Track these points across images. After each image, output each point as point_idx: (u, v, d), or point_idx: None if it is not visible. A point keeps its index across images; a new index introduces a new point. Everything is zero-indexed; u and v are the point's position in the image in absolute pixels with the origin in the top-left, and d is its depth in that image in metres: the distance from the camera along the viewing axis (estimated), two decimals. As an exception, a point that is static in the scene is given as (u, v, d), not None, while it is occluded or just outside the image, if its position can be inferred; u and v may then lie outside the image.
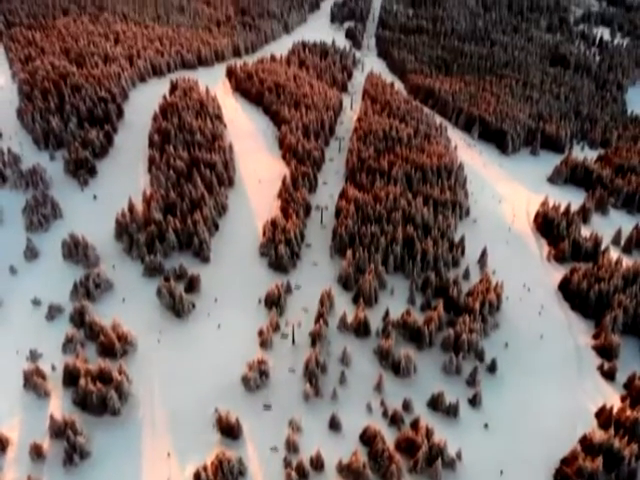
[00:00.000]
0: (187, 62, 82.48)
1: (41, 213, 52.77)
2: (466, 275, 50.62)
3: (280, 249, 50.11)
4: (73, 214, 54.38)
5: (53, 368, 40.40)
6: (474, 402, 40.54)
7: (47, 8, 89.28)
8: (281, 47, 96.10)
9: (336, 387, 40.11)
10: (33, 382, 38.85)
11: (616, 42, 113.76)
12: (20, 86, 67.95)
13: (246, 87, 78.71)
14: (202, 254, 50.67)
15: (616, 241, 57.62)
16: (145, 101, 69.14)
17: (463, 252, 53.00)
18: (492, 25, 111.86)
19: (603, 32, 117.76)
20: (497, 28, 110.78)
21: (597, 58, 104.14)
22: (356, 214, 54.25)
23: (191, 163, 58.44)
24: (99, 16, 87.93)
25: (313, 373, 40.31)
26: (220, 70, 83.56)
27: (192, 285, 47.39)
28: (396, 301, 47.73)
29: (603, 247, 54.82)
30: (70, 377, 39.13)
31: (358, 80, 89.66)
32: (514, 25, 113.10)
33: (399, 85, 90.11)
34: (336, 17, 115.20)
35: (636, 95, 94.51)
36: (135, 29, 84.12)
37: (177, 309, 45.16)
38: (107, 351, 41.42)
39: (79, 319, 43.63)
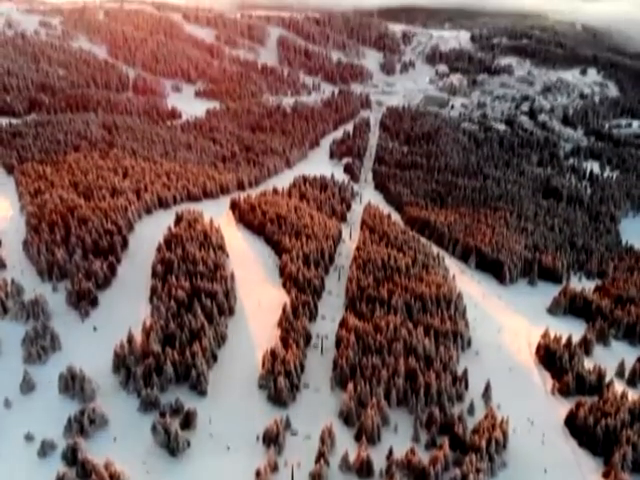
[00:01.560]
0: (193, 195, 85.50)
1: (40, 345, 52.24)
2: (471, 410, 49.21)
3: (279, 381, 49.08)
4: (72, 346, 53.77)
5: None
6: None
7: (59, 144, 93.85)
8: (283, 181, 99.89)
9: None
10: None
11: (606, 175, 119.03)
12: (28, 218, 69.81)
13: (249, 218, 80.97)
14: (199, 387, 49.46)
15: (620, 373, 56.70)
16: (150, 232, 70.77)
17: (467, 386, 51.88)
18: (484, 160, 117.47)
19: (593, 166, 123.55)
20: (489, 163, 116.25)
21: (589, 190, 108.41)
22: (357, 344, 53.83)
23: (192, 293, 58.74)
24: (109, 152, 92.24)
25: (314, 519, 38.02)
26: (224, 202, 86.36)
27: (188, 421, 45.82)
28: (400, 438, 45.89)
29: (607, 380, 53.81)
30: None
31: (356, 212, 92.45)
32: (506, 160, 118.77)
33: (396, 217, 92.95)
34: (335, 153, 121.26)
35: (629, 226, 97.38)
36: (144, 164, 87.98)
37: (172, 447, 43.30)
38: (97, 493, 39.25)
39: (72, 457, 41.69)
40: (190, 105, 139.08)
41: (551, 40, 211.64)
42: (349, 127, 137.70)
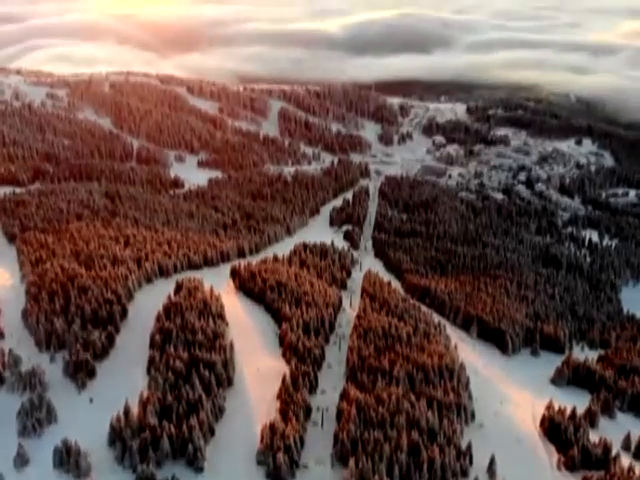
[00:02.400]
0: (193, 263, 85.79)
1: (35, 418, 51.17)
2: (476, 486, 47.82)
3: (279, 457, 47.74)
4: (68, 418, 52.62)
5: None
6: None
7: (61, 213, 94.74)
8: (283, 248, 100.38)
9: None
10: None
11: (605, 243, 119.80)
12: (28, 287, 69.82)
13: (249, 286, 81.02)
14: (196, 463, 48.06)
15: (626, 446, 55.35)
16: (150, 301, 70.57)
17: (471, 460, 50.45)
18: (483, 228, 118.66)
19: (591, 234, 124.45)
20: (488, 231, 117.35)
21: (588, 259, 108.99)
22: (358, 417, 52.66)
23: (191, 363, 57.96)
24: (111, 221, 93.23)
25: None
26: (225, 270, 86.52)
27: (184, 499, 44.49)
28: (403, 517, 44.45)
29: (614, 453, 52.50)
30: None
31: (356, 279, 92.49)
32: (504, 228, 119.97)
33: (396, 284, 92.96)
34: (335, 221, 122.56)
35: (630, 295, 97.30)
36: (145, 233, 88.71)
37: (167, 527, 41.90)
38: None
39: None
40: (193, 174, 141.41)
41: (546, 111, 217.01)
42: (349, 195, 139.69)
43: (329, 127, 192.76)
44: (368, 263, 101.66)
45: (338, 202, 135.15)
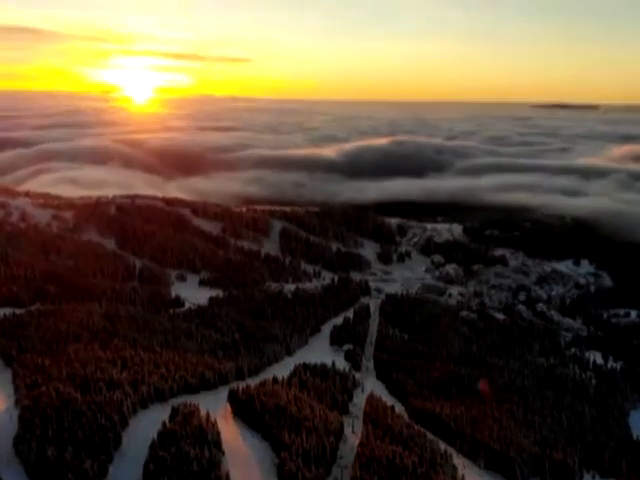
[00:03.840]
0: (191, 386, 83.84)
1: None
2: None
3: None
4: None
5: None
6: None
7: (60, 335, 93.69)
8: (283, 369, 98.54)
9: None
10: None
11: (610, 365, 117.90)
12: (22, 412, 67.83)
13: (247, 411, 78.64)
14: None
15: None
16: (144, 429, 68.12)
17: None
18: (486, 349, 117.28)
19: (595, 355, 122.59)
20: (491, 352, 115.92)
21: (594, 381, 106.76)
22: None
23: (185, 497, 55.27)
24: (110, 342, 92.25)
25: None
26: (223, 393, 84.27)
27: None
28: None
29: None
30: None
31: (359, 402, 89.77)
32: (507, 349, 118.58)
33: (400, 408, 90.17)
34: (336, 340, 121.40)
35: (639, 419, 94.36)
36: (143, 355, 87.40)
37: None
38: None
39: None
40: (194, 293, 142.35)
41: (542, 232, 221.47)
42: (349, 313, 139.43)
43: (329, 246, 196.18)
44: (370, 385, 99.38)
45: (339, 320, 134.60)
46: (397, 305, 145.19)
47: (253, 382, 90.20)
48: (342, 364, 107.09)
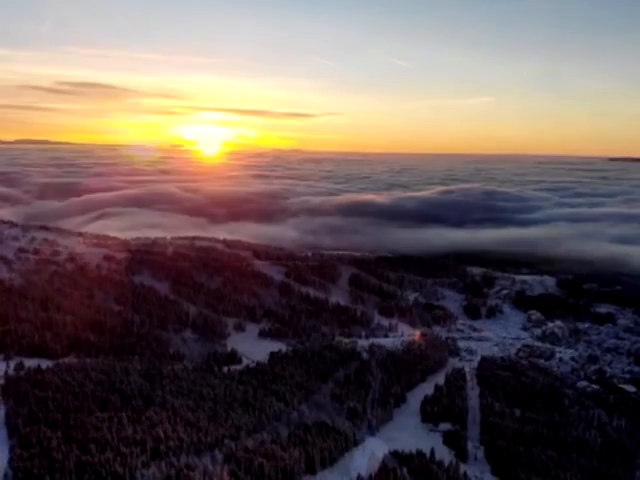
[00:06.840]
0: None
1: None
2: None
3: None
4: None
5: None
6: None
7: (84, 399, 72.99)
8: (364, 456, 75.35)
9: None
10: None
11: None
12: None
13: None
14: None
15: None
16: None
17: None
18: (627, 435, 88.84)
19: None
20: (632, 440, 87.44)
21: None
22: None
23: None
24: (143, 412, 70.70)
25: None
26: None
27: None
28: None
29: None
30: None
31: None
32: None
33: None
34: (429, 416, 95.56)
35: None
36: (183, 434, 65.13)
37: None
38: None
39: None
40: (253, 346, 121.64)
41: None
42: (439, 379, 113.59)
43: (405, 296, 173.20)
44: (484, 485, 73.52)
45: (428, 387, 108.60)
46: (497, 371, 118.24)
47: (328, 477, 66.42)
48: (442, 451, 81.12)
